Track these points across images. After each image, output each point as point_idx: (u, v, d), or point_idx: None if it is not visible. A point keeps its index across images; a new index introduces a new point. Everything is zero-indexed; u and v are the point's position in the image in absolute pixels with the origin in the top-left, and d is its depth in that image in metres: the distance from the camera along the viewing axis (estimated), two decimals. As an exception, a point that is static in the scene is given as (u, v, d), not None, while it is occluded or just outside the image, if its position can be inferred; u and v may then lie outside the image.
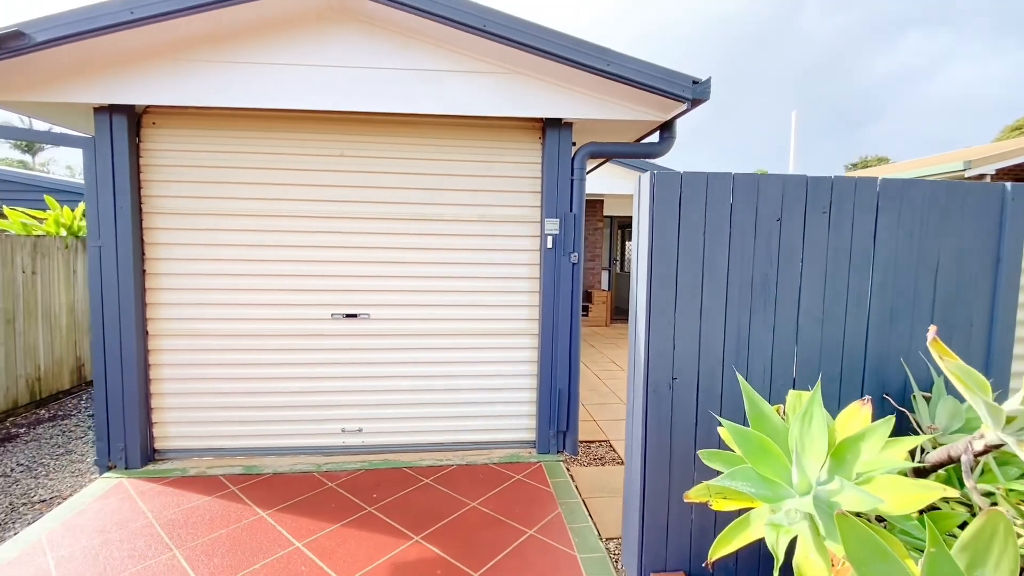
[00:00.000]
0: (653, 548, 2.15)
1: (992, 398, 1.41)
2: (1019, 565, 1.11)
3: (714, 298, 2.10)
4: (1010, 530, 1.12)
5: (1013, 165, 9.50)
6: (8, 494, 3.35)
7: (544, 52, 3.06)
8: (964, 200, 2.21)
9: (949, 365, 1.36)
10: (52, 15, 2.77)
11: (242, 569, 2.42)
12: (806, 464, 1.48)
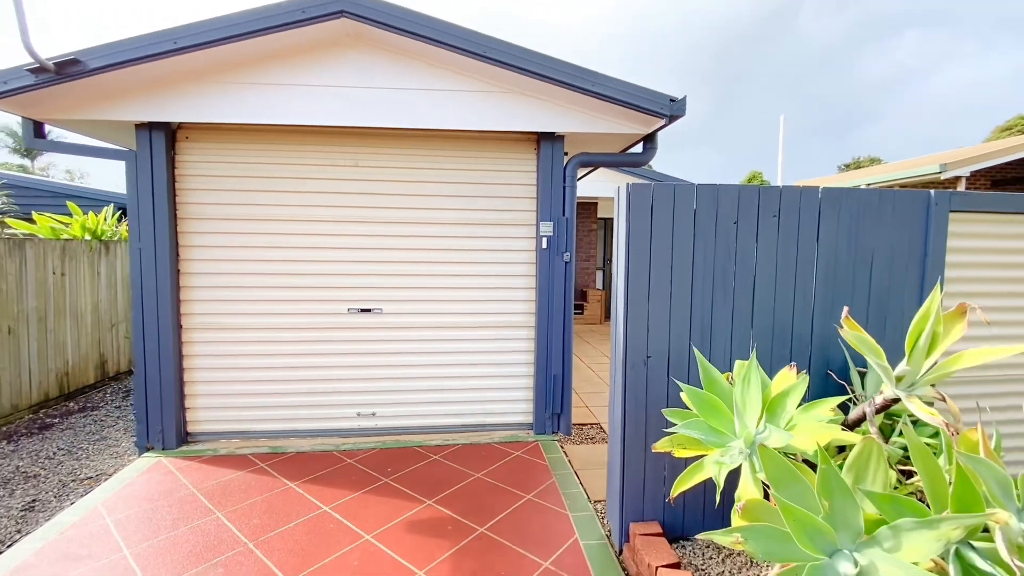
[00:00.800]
0: (632, 502, 2.54)
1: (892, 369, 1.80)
2: (890, 481, 1.51)
3: (681, 290, 2.49)
4: (881, 454, 1.51)
5: (986, 168, 9.96)
6: (56, 473, 3.71)
7: (538, 75, 3.46)
8: (894, 205, 2.61)
9: (848, 335, 1.75)
10: (105, 44, 3.15)
11: (279, 527, 2.79)
12: (746, 416, 1.87)
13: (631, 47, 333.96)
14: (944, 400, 1.73)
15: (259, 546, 2.62)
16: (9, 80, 3.14)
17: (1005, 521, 1.39)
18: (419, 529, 2.77)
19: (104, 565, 2.49)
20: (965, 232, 2.69)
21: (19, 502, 3.28)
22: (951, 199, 2.65)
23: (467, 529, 2.77)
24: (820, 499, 1.48)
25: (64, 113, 3.42)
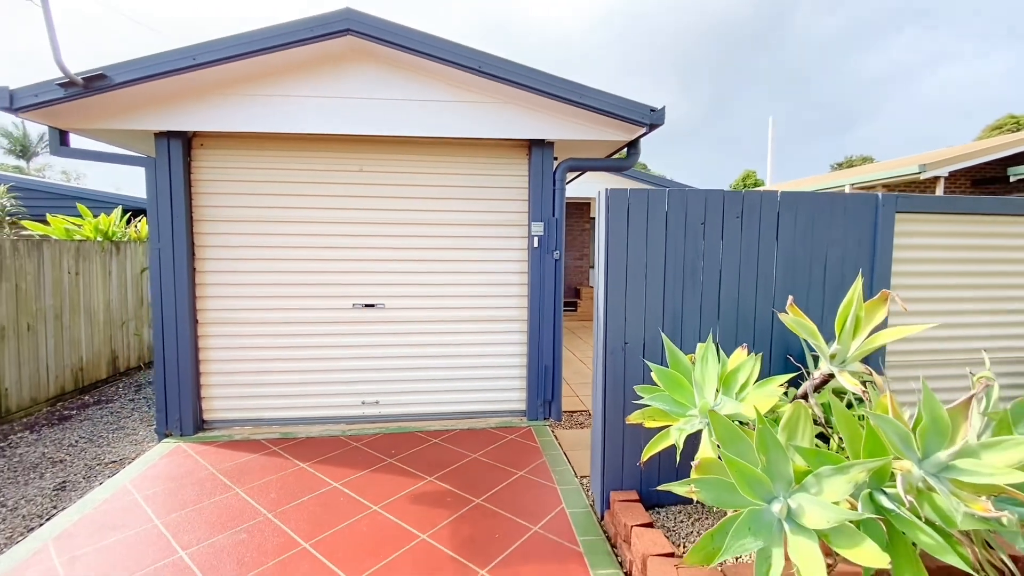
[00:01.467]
0: (612, 473, 2.83)
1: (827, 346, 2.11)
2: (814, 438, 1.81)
3: (655, 283, 2.79)
4: (808, 417, 1.81)
5: (965, 168, 10.34)
6: (80, 458, 3.97)
7: (529, 87, 3.75)
8: (845, 207, 2.92)
9: (787, 319, 2.05)
10: (130, 61, 3.42)
11: (294, 500, 3.08)
12: (704, 390, 2.17)
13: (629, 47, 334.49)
14: (871, 374, 2.03)
15: (277, 516, 2.91)
16: (40, 93, 3.41)
17: (908, 469, 1.70)
18: (421, 501, 3.07)
19: (138, 533, 2.77)
20: (910, 231, 3.00)
21: (50, 483, 3.55)
22: (896, 201, 2.96)
23: (465, 501, 3.06)
24: (759, 455, 1.78)
25: (89, 123, 3.69)
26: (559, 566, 2.46)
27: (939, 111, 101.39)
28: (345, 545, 2.64)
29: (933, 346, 3.11)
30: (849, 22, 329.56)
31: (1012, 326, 3.19)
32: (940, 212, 2.99)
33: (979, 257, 3.09)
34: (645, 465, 2.75)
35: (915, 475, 1.68)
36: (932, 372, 3.07)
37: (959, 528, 1.59)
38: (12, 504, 3.25)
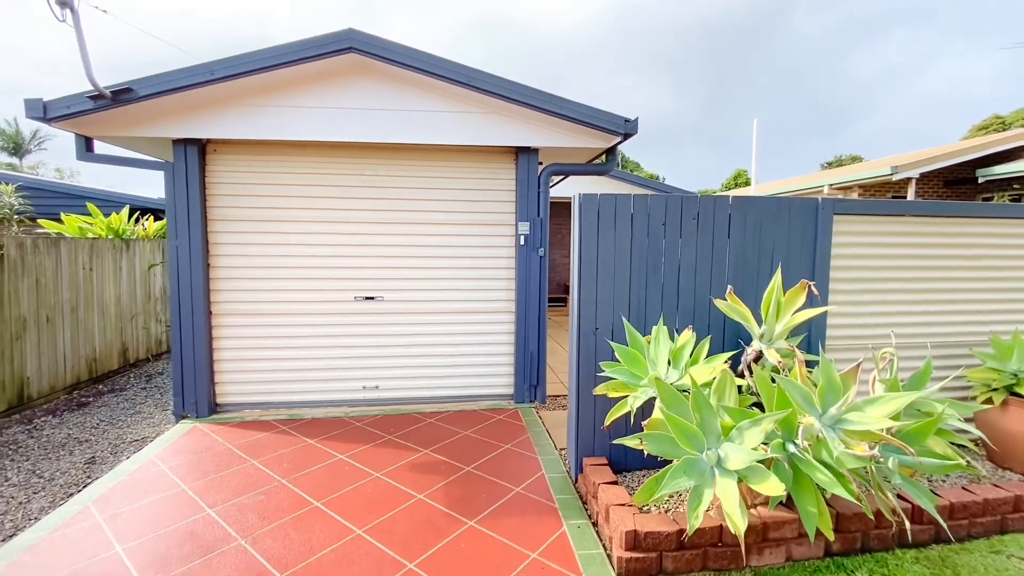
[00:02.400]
0: (585, 442, 3.25)
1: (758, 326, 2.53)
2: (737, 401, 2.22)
3: (621, 277, 3.20)
4: (733, 383, 2.23)
5: (937, 169, 10.84)
6: (104, 438, 4.33)
7: (516, 100, 4.14)
8: (789, 209, 3.34)
9: (722, 304, 2.46)
10: (154, 76, 3.78)
11: (304, 469, 3.46)
12: (657, 365, 2.58)
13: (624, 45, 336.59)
14: (793, 350, 2.45)
15: (291, 482, 3.30)
16: (71, 105, 3.76)
17: (811, 423, 2.12)
18: (418, 469, 3.46)
19: (168, 496, 3.15)
20: (846, 230, 3.43)
21: (80, 459, 3.91)
22: (834, 205, 3.38)
23: (456, 468, 3.47)
24: (694, 414, 2.20)
25: (114, 131, 4.04)
26: (537, 518, 2.87)
27: (933, 109, 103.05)
28: (352, 503, 3.03)
29: (871, 332, 3.54)
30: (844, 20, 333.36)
31: (940, 314, 3.63)
32: (871, 214, 3.42)
33: (908, 253, 3.52)
34: (612, 432, 3.16)
35: (816, 427, 2.11)
36: (869, 353, 3.50)
37: (847, 467, 2.01)
38: (49, 476, 3.61)
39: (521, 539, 2.67)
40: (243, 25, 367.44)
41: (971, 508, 2.80)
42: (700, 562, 2.45)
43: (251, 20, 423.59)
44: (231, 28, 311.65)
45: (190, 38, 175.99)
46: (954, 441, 2.67)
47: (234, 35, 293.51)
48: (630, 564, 2.40)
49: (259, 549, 2.60)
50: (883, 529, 2.65)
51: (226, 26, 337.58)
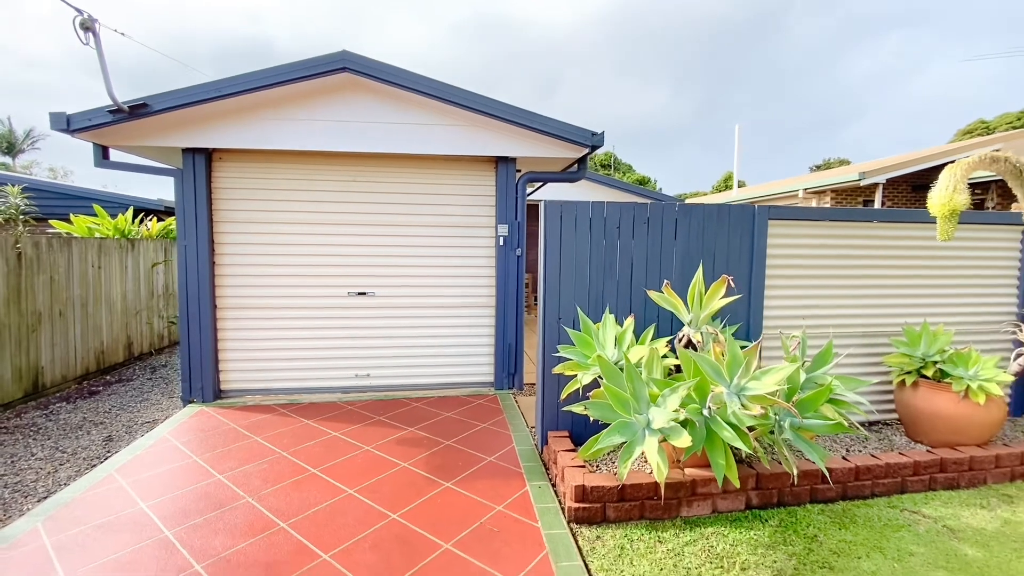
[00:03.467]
0: (550, 417, 3.71)
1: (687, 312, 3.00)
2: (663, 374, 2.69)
3: (581, 274, 3.66)
4: (659, 358, 2.70)
5: (901, 175, 11.42)
6: (117, 421, 4.74)
7: (494, 115, 4.61)
8: (729, 215, 3.82)
9: (655, 295, 2.92)
10: (167, 92, 4.20)
11: (303, 444, 3.90)
12: (604, 346, 3.04)
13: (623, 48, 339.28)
14: (716, 333, 2.92)
15: (290, 454, 3.73)
16: (93, 118, 4.17)
17: (721, 391, 2.59)
18: (404, 443, 3.91)
19: (182, 465, 3.58)
20: (780, 233, 3.91)
21: (98, 437, 4.32)
22: (769, 211, 3.87)
23: (437, 443, 3.92)
24: (627, 384, 2.66)
25: (129, 141, 4.45)
26: (504, 481, 3.32)
27: (927, 112, 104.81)
28: (344, 470, 3.47)
29: (803, 320, 4.02)
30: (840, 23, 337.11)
31: (863, 307, 4.13)
32: (800, 219, 3.91)
33: (834, 253, 4.02)
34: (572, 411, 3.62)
35: (724, 394, 2.58)
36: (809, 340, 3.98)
37: (746, 425, 2.48)
38: (71, 451, 4.02)
39: (489, 496, 3.12)
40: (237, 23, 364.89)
41: (875, 471, 3.28)
42: (638, 512, 2.92)
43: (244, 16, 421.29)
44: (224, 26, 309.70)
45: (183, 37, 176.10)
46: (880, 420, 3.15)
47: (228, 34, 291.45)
48: (578, 512, 2.86)
49: (264, 505, 3.04)
50: (797, 488, 3.13)
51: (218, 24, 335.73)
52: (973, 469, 3.44)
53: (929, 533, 2.87)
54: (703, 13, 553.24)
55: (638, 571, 2.48)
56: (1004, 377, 3.46)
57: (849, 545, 2.73)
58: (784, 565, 2.54)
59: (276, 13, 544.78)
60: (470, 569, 2.46)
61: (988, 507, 3.16)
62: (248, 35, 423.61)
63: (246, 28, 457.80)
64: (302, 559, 2.54)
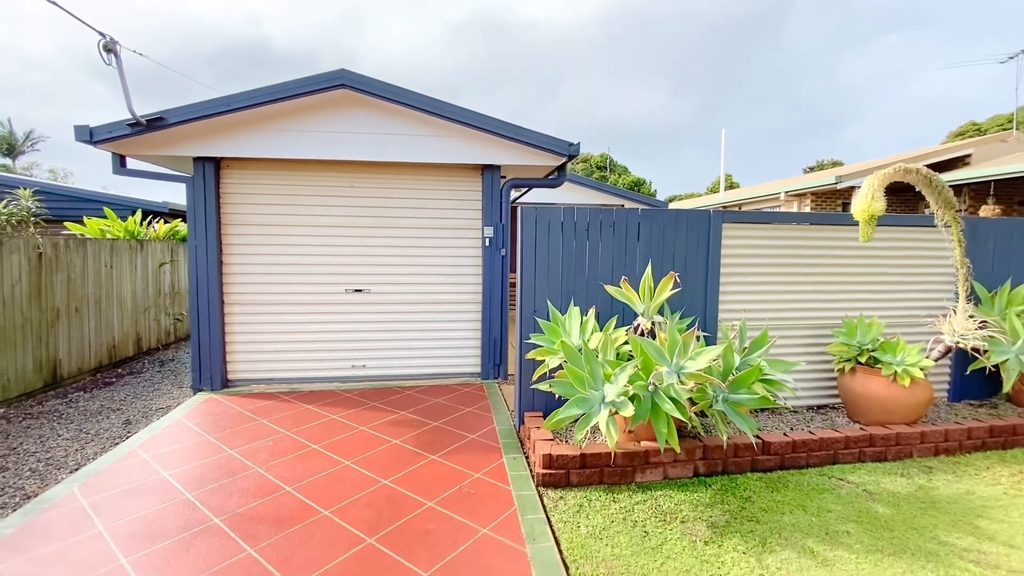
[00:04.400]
0: (526, 399, 4.14)
1: (640, 303, 3.45)
2: (616, 356, 3.13)
3: (554, 270, 4.10)
4: (612, 342, 3.13)
5: (878, 180, 11.88)
6: (134, 407, 5.15)
7: (480, 128, 5.04)
8: (687, 219, 4.26)
9: (612, 289, 3.36)
10: (182, 107, 4.63)
11: (304, 425, 4.32)
12: (570, 334, 3.48)
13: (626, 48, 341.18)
14: (665, 321, 3.35)
15: (293, 433, 4.16)
16: (113, 131, 4.60)
17: (663, 369, 3.03)
18: (396, 424, 4.34)
19: (196, 443, 4.00)
20: (735, 235, 4.36)
21: (117, 421, 4.73)
22: (723, 216, 4.31)
23: (426, 424, 4.35)
24: (585, 365, 3.10)
25: (145, 151, 4.88)
26: (484, 454, 3.76)
27: (924, 114, 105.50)
28: (343, 446, 3.90)
29: (756, 315, 4.46)
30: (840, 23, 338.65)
31: (809, 301, 4.57)
32: (751, 223, 4.36)
33: (782, 252, 4.46)
34: (541, 390, 4.06)
35: (665, 372, 3.02)
36: (754, 329, 4.43)
37: (683, 399, 2.92)
38: (94, 432, 4.44)
39: (469, 466, 3.55)
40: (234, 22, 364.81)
41: (810, 444, 3.73)
42: (598, 478, 3.35)
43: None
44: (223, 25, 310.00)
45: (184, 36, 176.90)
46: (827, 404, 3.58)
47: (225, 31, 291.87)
48: (545, 477, 3.30)
49: (272, 473, 3.47)
50: (740, 458, 3.58)
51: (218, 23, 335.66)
52: (900, 444, 3.89)
53: (849, 495, 3.31)
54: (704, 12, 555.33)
55: (592, 523, 2.91)
56: (926, 363, 3.91)
57: (777, 504, 3.17)
58: (718, 519, 2.98)
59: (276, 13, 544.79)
60: (449, 521, 2.89)
61: (907, 476, 3.61)
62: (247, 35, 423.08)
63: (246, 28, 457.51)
64: (306, 515, 2.97)
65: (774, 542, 2.77)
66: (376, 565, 2.52)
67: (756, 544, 2.75)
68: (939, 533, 2.88)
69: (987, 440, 4.06)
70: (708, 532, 2.85)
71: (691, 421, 2.95)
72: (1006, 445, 4.10)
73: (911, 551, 2.71)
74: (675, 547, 2.70)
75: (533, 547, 2.65)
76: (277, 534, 2.78)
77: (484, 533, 2.78)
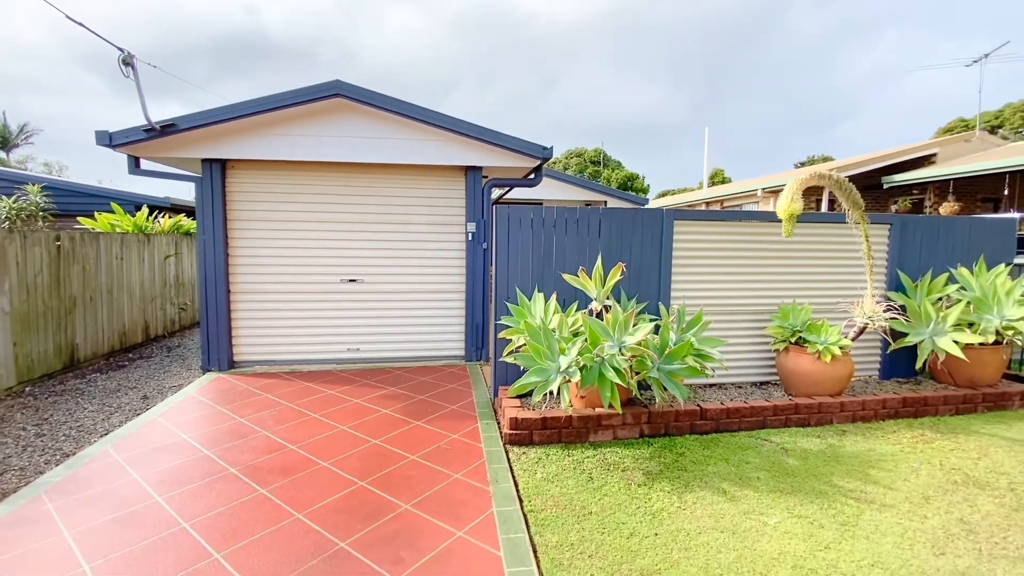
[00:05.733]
0: (501, 376, 4.71)
1: (594, 289, 4.03)
2: (573, 331, 3.71)
3: (526, 261, 4.66)
4: (565, 321, 3.71)
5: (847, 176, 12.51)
6: (149, 385, 5.69)
7: (463, 133, 5.58)
8: (643, 217, 4.83)
9: (569, 278, 3.93)
10: (192, 114, 5.14)
11: (305, 398, 4.89)
12: (534, 316, 4.05)
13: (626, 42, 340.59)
14: (616, 303, 3.93)
15: (296, 405, 4.72)
16: (130, 136, 5.10)
17: (607, 343, 3.61)
18: (387, 398, 4.91)
19: (209, 413, 4.55)
20: (684, 231, 4.93)
21: (135, 396, 5.28)
22: (674, 214, 4.89)
23: (413, 397, 4.92)
24: (544, 341, 3.67)
25: (158, 153, 5.38)
26: (461, 421, 4.34)
27: (920, 110, 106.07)
28: (339, 415, 4.47)
29: (710, 303, 5.05)
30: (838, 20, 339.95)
31: (753, 289, 5.16)
32: (698, 220, 4.94)
33: (729, 246, 5.04)
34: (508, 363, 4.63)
35: (608, 346, 3.60)
36: (708, 316, 5.02)
37: (623, 367, 3.50)
38: (116, 405, 4.98)
39: (448, 430, 4.13)
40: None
41: (742, 411, 4.33)
42: (557, 437, 3.94)
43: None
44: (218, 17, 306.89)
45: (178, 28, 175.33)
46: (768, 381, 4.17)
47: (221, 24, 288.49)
48: (512, 437, 3.88)
49: (277, 436, 4.03)
50: (680, 423, 4.17)
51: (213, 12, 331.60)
52: (821, 412, 4.50)
53: (768, 452, 3.92)
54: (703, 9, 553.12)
55: (547, 471, 3.50)
56: (845, 342, 4.51)
57: (706, 458, 3.77)
58: (653, 469, 3.58)
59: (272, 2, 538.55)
60: (428, 469, 3.47)
61: (822, 437, 4.22)
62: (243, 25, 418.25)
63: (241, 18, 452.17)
64: (308, 465, 3.54)
65: (695, 485, 3.37)
66: (366, 500, 3.09)
67: (680, 486, 3.34)
68: (833, 478, 3.49)
69: (900, 409, 4.68)
70: (643, 478, 3.44)
71: (631, 386, 3.53)
72: (916, 414, 4.72)
73: (805, 491, 3.32)
74: (612, 488, 3.29)
75: (496, 487, 3.23)
76: (284, 479, 3.35)
77: (456, 478, 3.36)
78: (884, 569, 2.57)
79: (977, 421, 4.61)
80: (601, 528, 2.85)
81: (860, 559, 2.64)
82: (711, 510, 3.07)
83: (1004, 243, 5.67)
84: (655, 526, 2.89)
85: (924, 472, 3.61)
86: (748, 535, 2.82)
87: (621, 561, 2.57)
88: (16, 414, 4.78)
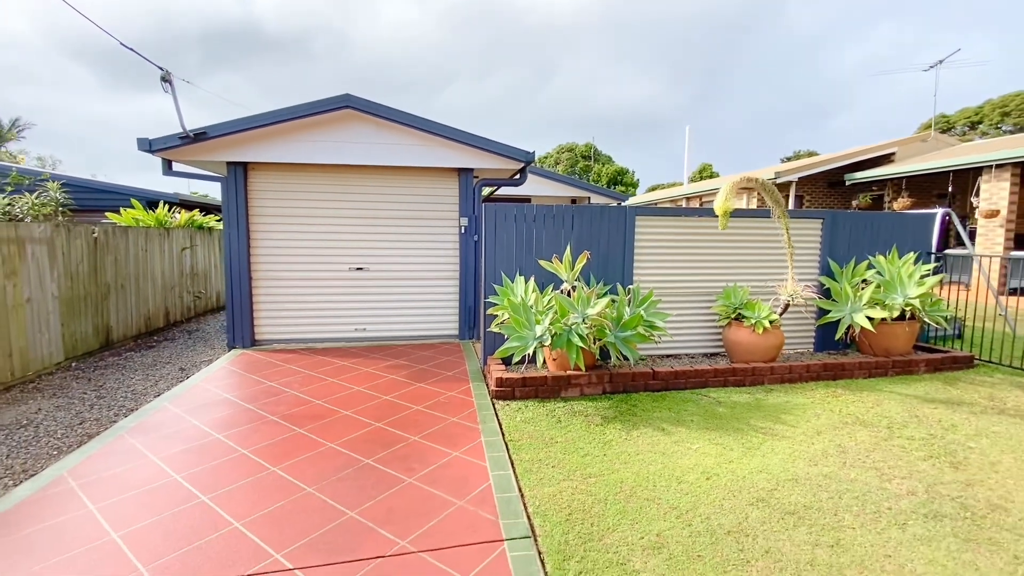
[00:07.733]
0: (490, 346, 5.59)
1: (564, 273, 4.92)
2: (544, 308, 4.59)
3: (510, 250, 5.53)
4: (539, 297, 4.59)
5: (814, 173, 13.50)
6: (181, 360, 6.49)
7: (457, 140, 6.42)
8: (610, 213, 5.71)
9: (544, 263, 4.81)
10: (219, 124, 5.92)
11: (320, 369, 5.74)
12: (516, 295, 4.93)
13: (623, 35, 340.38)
14: (583, 284, 4.81)
15: (314, 373, 5.57)
16: (167, 142, 5.88)
17: (573, 315, 4.51)
18: (392, 367, 5.78)
19: (241, 379, 5.39)
20: (645, 225, 5.82)
21: (173, 369, 6.09)
22: (636, 210, 5.77)
23: (415, 367, 5.80)
24: (523, 313, 4.56)
25: (189, 157, 6.16)
26: (457, 383, 5.22)
27: (914, 103, 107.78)
28: (353, 379, 5.33)
29: (668, 286, 5.95)
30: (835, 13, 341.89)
31: (701, 274, 6.08)
32: (656, 216, 5.83)
33: (679, 237, 5.94)
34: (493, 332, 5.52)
35: (573, 316, 4.49)
36: (666, 297, 5.92)
37: (585, 333, 4.39)
38: (159, 376, 5.80)
39: (446, 389, 5.02)
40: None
41: (688, 374, 5.25)
42: (534, 394, 4.83)
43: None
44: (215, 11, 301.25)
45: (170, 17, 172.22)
46: (717, 352, 5.09)
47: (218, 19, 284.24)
48: (497, 393, 4.77)
49: (304, 394, 4.89)
50: (636, 383, 5.08)
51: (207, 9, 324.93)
52: (755, 375, 5.44)
53: (705, 403, 4.84)
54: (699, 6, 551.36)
55: (525, 416, 4.40)
56: (774, 317, 5.44)
57: (654, 407, 4.68)
58: (609, 415, 4.48)
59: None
60: (431, 416, 4.35)
61: (751, 394, 5.15)
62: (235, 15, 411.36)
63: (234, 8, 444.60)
64: (333, 414, 4.40)
65: (642, 425, 4.28)
66: (383, 435, 3.97)
67: (629, 426, 4.26)
68: (750, 420, 4.42)
69: (821, 373, 5.64)
70: (600, 420, 4.35)
71: (593, 350, 4.43)
72: (835, 377, 5.67)
73: (726, 428, 4.25)
74: (575, 427, 4.20)
75: (484, 426, 4.13)
76: (315, 423, 4.22)
77: (453, 420, 4.25)
78: (769, 474, 3.49)
79: (884, 382, 5.58)
80: (563, 451, 3.76)
81: (753, 468, 3.56)
82: (650, 440, 3.98)
83: (923, 235, 6.64)
84: (605, 450, 3.79)
85: (824, 416, 4.55)
86: (674, 455, 3.74)
87: (575, 469, 3.48)
88: (71, 383, 5.58)
